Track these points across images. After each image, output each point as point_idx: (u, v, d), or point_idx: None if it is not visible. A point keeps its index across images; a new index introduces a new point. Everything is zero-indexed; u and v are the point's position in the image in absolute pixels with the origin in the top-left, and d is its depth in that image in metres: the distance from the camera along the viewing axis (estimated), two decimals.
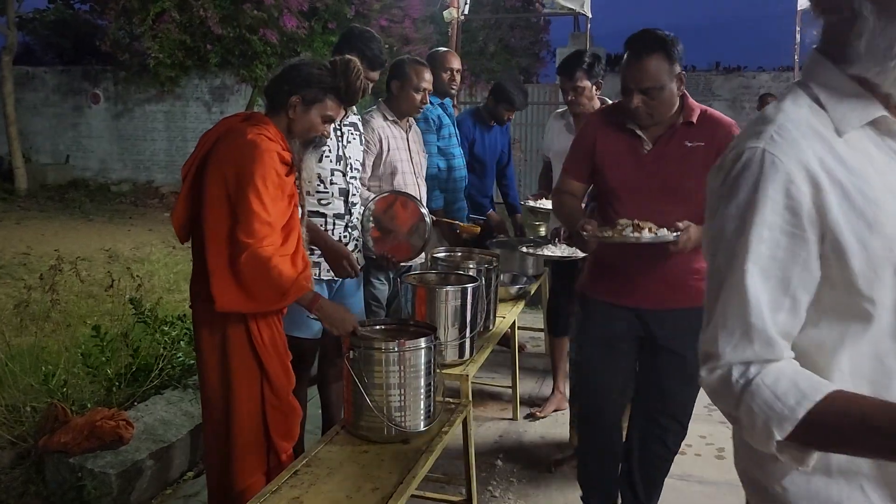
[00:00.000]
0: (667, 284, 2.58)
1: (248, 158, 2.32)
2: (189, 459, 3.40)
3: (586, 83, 3.78)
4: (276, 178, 2.35)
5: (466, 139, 4.70)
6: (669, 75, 2.39)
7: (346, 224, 3.09)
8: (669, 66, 2.39)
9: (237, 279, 2.31)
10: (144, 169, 14.47)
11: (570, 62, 3.80)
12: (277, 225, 2.37)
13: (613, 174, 2.60)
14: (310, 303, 2.38)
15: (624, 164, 2.57)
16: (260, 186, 2.29)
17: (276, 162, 2.36)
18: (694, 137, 2.49)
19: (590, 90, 3.81)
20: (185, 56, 12.80)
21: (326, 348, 3.19)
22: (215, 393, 2.47)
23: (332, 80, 2.51)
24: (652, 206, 2.48)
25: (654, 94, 2.39)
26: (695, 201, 2.38)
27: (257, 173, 2.30)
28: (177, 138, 14.03)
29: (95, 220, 10.97)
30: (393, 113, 3.57)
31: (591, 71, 3.77)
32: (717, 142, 2.46)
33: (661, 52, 2.38)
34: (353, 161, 3.14)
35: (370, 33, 3.26)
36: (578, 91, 3.78)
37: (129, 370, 3.74)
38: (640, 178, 2.54)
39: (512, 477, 3.44)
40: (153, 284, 6.10)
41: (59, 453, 3.04)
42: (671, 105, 2.46)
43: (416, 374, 2.35)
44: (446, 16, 6.56)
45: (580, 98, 3.81)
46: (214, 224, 2.36)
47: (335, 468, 2.21)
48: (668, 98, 2.43)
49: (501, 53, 14.60)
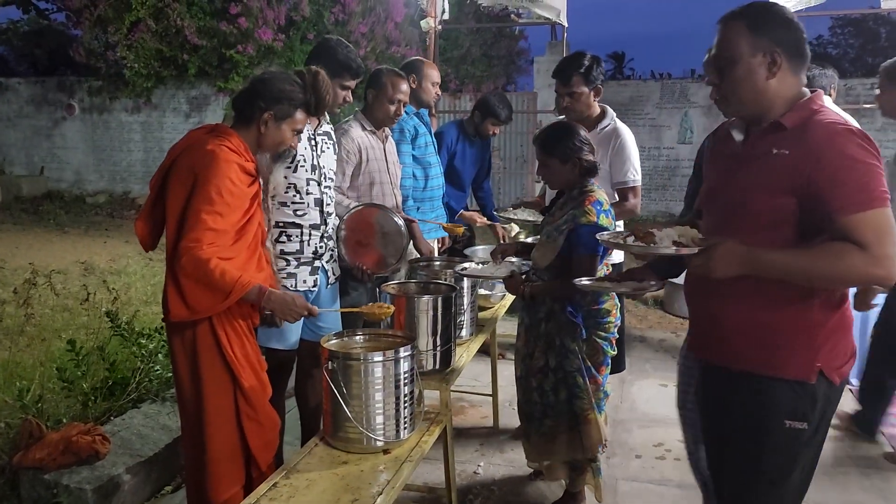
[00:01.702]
0: (700, 327, 2.16)
1: (204, 167, 2.35)
2: (167, 473, 3.37)
3: (584, 89, 3.50)
4: (232, 187, 2.37)
5: (448, 150, 4.72)
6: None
7: (321, 234, 3.08)
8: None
9: (180, 287, 2.35)
10: (121, 180, 14.35)
11: (567, 65, 3.52)
12: (226, 232, 2.38)
13: None
14: (257, 297, 2.39)
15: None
16: (213, 195, 2.32)
17: (234, 171, 2.38)
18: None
19: (587, 96, 3.53)
20: (161, 66, 12.75)
21: (304, 359, 3.19)
22: (190, 405, 2.47)
23: (303, 96, 2.56)
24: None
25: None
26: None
27: (212, 182, 2.33)
28: (154, 149, 13.93)
29: (71, 232, 10.85)
30: (370, 123, 3.58)
31: (588, 75, 3.49)
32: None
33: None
34: (328, 171, 3.14)
35: (344, 43, 3.28)
36: (575, 97, 3.51)
37: (106, 384, 3.70)
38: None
39: (493, 485, 3.44)
40: (130, 297, 6.04)
41: (34, 469, 3.00)
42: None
43: (394, 384, 2.35)
44: (423, 25, 6.59)
45: (576, 104, 3.53)
46: (170, 235, 2.40)
47: (314, 479, 2.20)
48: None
49: (483, 60, 14.68)
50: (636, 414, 4.31)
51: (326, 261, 3.12)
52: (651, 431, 3.99)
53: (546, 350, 2.98)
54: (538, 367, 3.00)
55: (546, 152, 2.94)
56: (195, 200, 2.33)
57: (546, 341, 2.98)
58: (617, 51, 42.46)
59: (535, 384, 3.02)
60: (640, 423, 4.16)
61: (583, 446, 2.95)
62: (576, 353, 2.92)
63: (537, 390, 3.01)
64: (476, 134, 4.80)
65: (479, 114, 4.75)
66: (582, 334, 2.92)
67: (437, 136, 4.89)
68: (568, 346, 2.92)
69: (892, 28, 20.78)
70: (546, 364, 2.98)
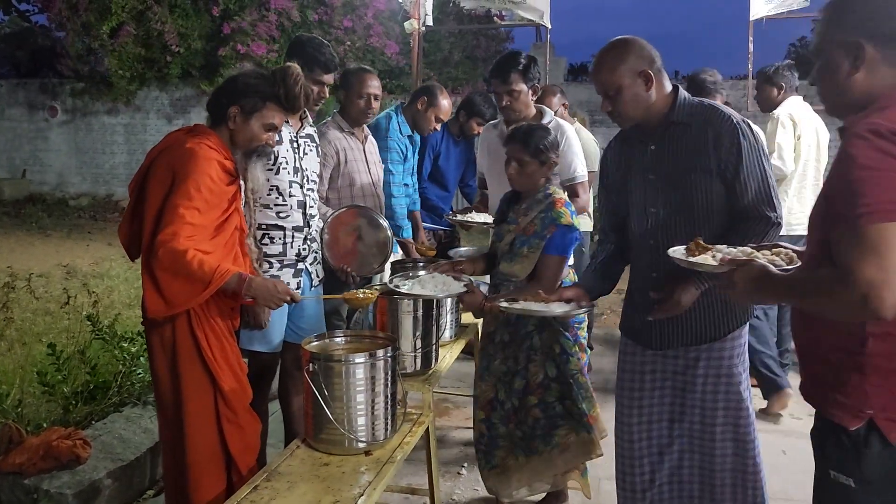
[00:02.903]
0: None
1: (183, 164, 2.34)
2: (149, 478, 3.35)
3: (522, 87, 3.44)
4: (211, 184, 2.35)
5: (432, 150, 4.74)
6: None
7: (304, 237, 3.07)
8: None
9: (156, 281, 2.33)
10: (104, 182, 14.25)
11: (504, 64, 3.46)
12: (204, 227, 2.36)
13: None
14: (238, 285, 2.36)
15: None
16: (192, 191, 2.31)
17: (214, 169, 2.37)
18: None
19: (526, 94, 3.47)
20: (144, 68, 12.67)
21: (287, 361, 3.18)
22: (168, 408, 2.46)
23: (271, 89, 2.52)
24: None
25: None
26: None
27: (191, 178, 2.31)
28: (137, 151, 13.83)
29: (53, 235, 10.76)
30: (347, 123, 3.58)
31: (526, 73, 3.44)
32: None
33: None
34: (310, 173, 3.13)
35: (318, 39, 3.29)
36: (514, 95, 3.44)
37: (87, 388, 3.68)
38: None
39: (476, 486, 3.44)
40: (112, 300, 6.00)
41: (14, 474, 2.97)
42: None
43: (376, 386, 2.35)
44: (407, 27, 6.58)
45: (515, 103, 3.46)
46: (147, 232, 2.38)
47: (295, 482, 2.20)
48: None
49: (466, 63, 14.66)
50: None
51: (310, 263, 3.12)
52: None
53: (544, 361, 2.89)
54: (538, 381, 2.90)
55: (529, 152, 2.87)
56: (173, 196, 2.31)
57: (543, 352, 2.89)
58: None
59: (534, 401, 2.90)
60: None
61: (593, 444, 2.89)
62: (576, 354, 2.90)
63: (539, 406, 2.90)
64: (461, 134, 4.83)
65: (464, 113, 4.78)
66: (577, 335, 2.93)
67: (422, 138, 4.91)
68: (568, 349, 2.88)
69: None
70: (546, 376, 2.89)
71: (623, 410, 2.58)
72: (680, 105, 2.38)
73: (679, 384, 2.49)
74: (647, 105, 2.37)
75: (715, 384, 2.44)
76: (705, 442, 2.47)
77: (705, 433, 2.46)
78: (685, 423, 2.49)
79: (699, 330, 2.42)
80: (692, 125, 2.36)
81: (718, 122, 2.33)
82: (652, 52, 2.39)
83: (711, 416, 2.45)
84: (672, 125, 2.39)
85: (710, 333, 2.42)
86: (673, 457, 2.53)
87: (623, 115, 2.41)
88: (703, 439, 2.47)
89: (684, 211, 2.37)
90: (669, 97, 2.40)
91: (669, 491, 2.55)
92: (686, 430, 2.50)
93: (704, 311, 2.40)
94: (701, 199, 2.35)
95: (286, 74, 2.54)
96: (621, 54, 2.37)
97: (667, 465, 2.53)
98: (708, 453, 2.47)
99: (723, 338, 2.42)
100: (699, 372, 2.45)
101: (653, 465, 2.54)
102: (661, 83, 2.39)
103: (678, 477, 2.54)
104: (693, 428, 2.49)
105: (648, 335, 2.49)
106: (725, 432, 2.45)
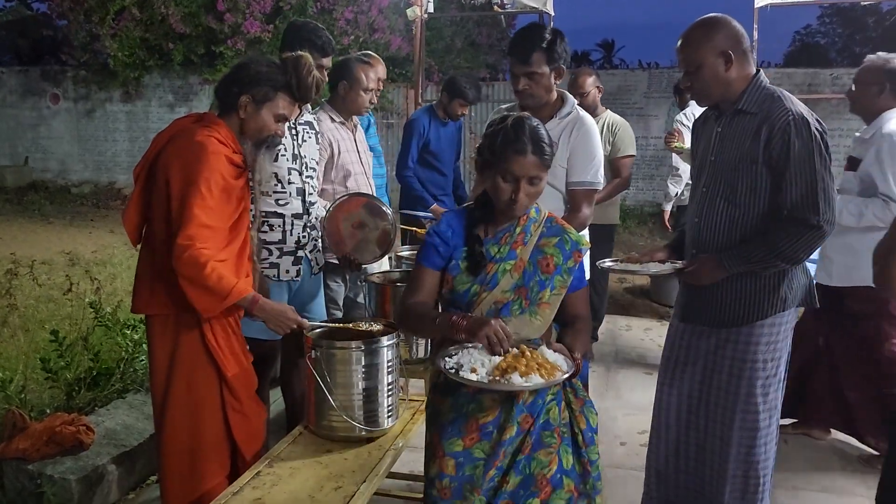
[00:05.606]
0: None
1: (194, 160, 2.30)
2: (152, 464, 3.36)
3: (545, 69, 2.83)
4: (222, 181, 2.33)
5: (420, 137, 4.76)
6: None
7: (304, 224, 3.07)
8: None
9: (153, 283, 2.36)
10: (106, 170, 14.23)
11: (523, 41, 2.85)
12: (220, 228, 2.34)
13: None
14: (250, 304, 2.36)
15: None
16: (203, 190, 2.27)
17: (223, 165, 2.34)
18: None
19: (548, 77, 2.86)
20: (147, 55, 12.63)
21: (289, 348, 3.18)
22: (159, 395, 2.45)
23: (283, 78, 2.47)
24: None
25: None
26: None
27: (202, 176, 2.28)
28: (139, 139, 13.80)
29: (55, 222, 10.77)
30: (339, 114, 3.54)
31: (551, 53, 2.82)
32: None
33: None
34: (309, 160, 3.12)
35: (314, 24, 3.27)
36: (535, 79, 2.84)
37: (90, 374, 3.69)
38: None
39: None
40: (115, 287, 6.00)
41: (18, 460, 2.99)
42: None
43: (378, 373, 2.35)
44: (409, 14, 6.56)
45: (535, 88, 2.86)
46: (154, 226, 2.37)
47: (298, 468, 2.21)
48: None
49: (468, 50, 14.60)
50: (620, 402, 4.34)
51: (310, 251, 3.11)
52: (635, 419, 4.01)
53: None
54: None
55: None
56: (186, 195, 2.27)
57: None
58: (607, 39, 42.14)
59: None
60: (625, 410, 4.19)
61: None
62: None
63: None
64: (445, 115, 4.87)
65: (446, 95, 4.84)
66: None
67: (409, 125, 4.93)
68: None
69: (880, 18, 20.84)
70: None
71: (661, 379, 2.72)
72: (750, 93, 2.42)
73: (709, 364, 2.57)
74: (725, 84, 2.42)
75: (740, 369, 2.50)
76: (724, 423, 2.54)
77: (726, 416, 2.53)
78: (710, 404, 2.58)
79: (727, 311, 2.50)
80: (756, 115, 2.39)
81: (776, 116, 2.34)
82: (739, 34, 2.41)
83: (733, 400, 2.51)
84: (739, 113, 2.44)
85: (738, 316, 2.48)
86: (699, 433, 2.62)
87: (701, 92, 2.47)
88: (723, 422, 2.54)
89: (728, 197, 2.45)
90: (746, 82, 2.43)
91: (686, 467, 2.66)
92: (710, 411, 2.58)
93: (734, 293, 2.49)
94: (744, 189, 2.41)
95: (298, 64, 2.47)
96: (708, 32, 2.41)
97: (693, 440, 2.63)
98: (725, 437, 2.53)
99: (751, 323, 2.47)
100: (727, 353, 2.52)
101: (678, 436, 2.66)
102: (743, 66, 2.42)
103: (698, 455, 2.63)
104: (715, 410, 2.56)
105: (681, 305, 2.65)
106: (744, 419, 2.51)
